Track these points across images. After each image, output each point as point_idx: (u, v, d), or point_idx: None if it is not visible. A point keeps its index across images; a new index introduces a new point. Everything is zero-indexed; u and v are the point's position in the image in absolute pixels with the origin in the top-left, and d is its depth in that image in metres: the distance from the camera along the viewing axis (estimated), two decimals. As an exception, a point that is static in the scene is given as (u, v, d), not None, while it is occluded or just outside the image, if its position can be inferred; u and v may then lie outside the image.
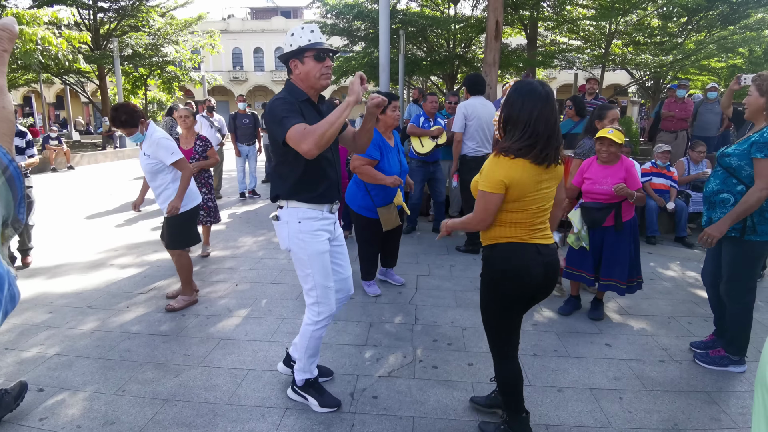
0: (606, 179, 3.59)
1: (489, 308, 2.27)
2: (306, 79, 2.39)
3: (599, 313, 3.82)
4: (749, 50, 14.46)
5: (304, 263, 2.49)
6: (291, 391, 2.74)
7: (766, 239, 2.82)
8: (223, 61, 39.03)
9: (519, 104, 2.05)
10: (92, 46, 17.21)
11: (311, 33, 2.37)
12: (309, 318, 2.59)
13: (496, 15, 8.34)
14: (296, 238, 2.46)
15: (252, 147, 8.87)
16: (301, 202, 2.45)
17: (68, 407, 2.65)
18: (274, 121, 2.27)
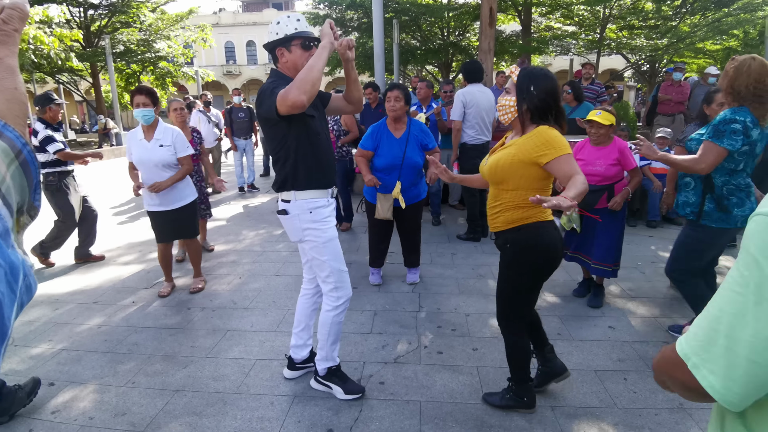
0: (599, 160, 3.62)
1: (516, 290, 2.37)
2: (293, 68, 2.39)
3: (599, 300, 3.82)
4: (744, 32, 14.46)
5: (319, 251, 2.51)
6: (314, 382, 2.75)
7: (720, 226, 2.79)
8: (216, 56, 38.78)
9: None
10: (84, 44, 17.10)
11: (297, 22, 2.39)
12: (328, 304, 2.61)
13: (490, 2, 8.32)
14: (309, 229, 2.47)
15: (249, 141, 8.85)
16: (307, 191, 2.45)
17: (79, 400, 2.69)
18: (265, 98, 2.26)
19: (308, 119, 2.40)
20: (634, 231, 5.87)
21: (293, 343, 2.86)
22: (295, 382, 2.81)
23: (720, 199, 2.78)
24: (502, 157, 2.23)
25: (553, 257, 2.29)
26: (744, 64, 2.63)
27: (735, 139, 2.60)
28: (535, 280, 2.35)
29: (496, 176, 2.26)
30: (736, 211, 2.76)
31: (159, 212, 3.99)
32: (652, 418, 2.46)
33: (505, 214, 2.28)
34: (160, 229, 4.05)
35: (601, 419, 2.46)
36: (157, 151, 3.88)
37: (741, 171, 2.73)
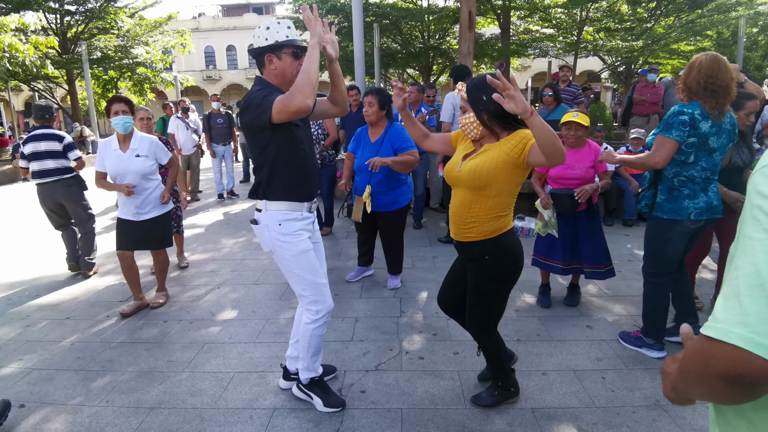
0: (578, 163, 3.61)
1: (496, 300, 2.40)
2: (282, 75, 2.36)
3: (575, 299, 3.85)
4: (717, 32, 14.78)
5: (290, 264, 2.45)
6: (296, 389, 2.72)
7: (671, 217, 2.82)
8: (196, 61, 38.43)
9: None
10: (60, 51, 16.77)
11: (288, 29, 2.34)
12: (307, 317, 2.55)
13: (469, 5, 8.37)
14: (278, 241, 2.42)
15: (227, 147, 8.75)
16: (279, 202, 2.40)
17: (51, 422, 2.61)
18: (254, 106, 2.21)
19: (293, 127, 2.35)
20: (610, 230, 5.93)
21: (289, 354, 2.82)
22: (275, 394, 2.77)
23: (670, 190, 2.83)
24: (484, 161, 2.17)
25: (522, 263, 2.37)
26: (696, 60, 2.71)
27: (683, 130, 2.66)
28: (506, 294, 2.42)
29: (478, 182, 2.18)
30: (687, 202, 2.78)
31: (127, 221, 3.89)
32: (630, 416, 2.48)
33: (485, 224, 2.24)
34: (129, 236, 3.91)
35: (581, 419, 2.47)
36: (133, 161, 3.81)
37: (693, 164, 2.74)
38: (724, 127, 2.71)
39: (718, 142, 2.72)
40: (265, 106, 2.17)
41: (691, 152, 2.72)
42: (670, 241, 2.89)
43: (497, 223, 2.24)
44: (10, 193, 10.81)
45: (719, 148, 2.74)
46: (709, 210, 2.79)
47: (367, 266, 4.60)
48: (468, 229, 2.29)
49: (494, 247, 2.27)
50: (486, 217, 2.23)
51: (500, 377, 2.57)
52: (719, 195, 2.86)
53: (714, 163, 2.77)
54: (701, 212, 2.78)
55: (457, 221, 2.34)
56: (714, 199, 2.80)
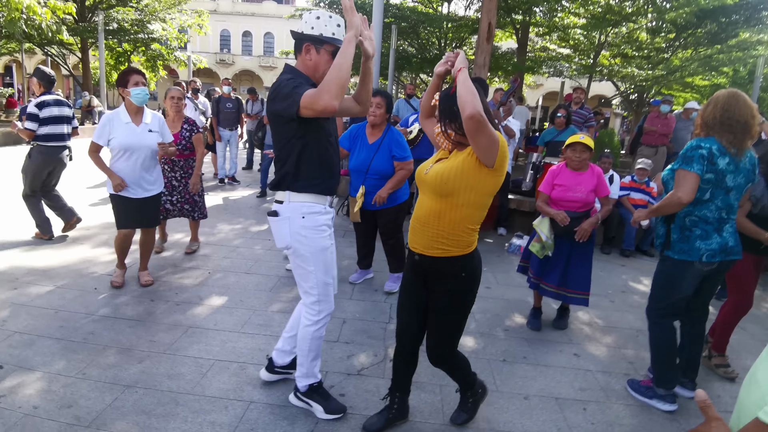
0: (579, 186, 3.58)
1: (467, 314, 2.27)
2: (314, 69, 2.31)
3: (564, 322, 3.84)
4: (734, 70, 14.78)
5: (306, 260, 2.37)
6: (293, 397, 2.61)
7: (682, 258, 2.71)
8: (211, 43, 38.39)
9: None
10: (77, 18, 16.72)
11: (337, 27, 2.29)
12: (308, 318, 2.47)
13: (490, 17, 8.34)
14: (299, 235, 2.32)
15: (234, 132, 8.73)
16: (304, 194, 2.32)
17: (26, 387, 2.58)
18: (283, 96, 2.15)
19: (322, 120, 2.31)
20: (607, 259, 5.91)
21: (279, 347, 2.73)
22: (253, 387, 2.74)
23: (682, 230, 2.73)
24: (451, 166, 2.06)
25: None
26: (715, 96, 2.67)
27: (702, 164, 2.56)
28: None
29: (444, 187, 2.04)
30: (698, 243, 2.66)
31: (128, 198, 3.81)
32: (608, 452, 2.45)
33: (462, 238, 2.10)
34: (133, 214, 3.87)
35: (558, 449, 2.44)
36: (147, 136, 3.78)
37: (707, 202, 2.63)
38: (742, 166, 2.61)
39: (735, 181, 2.61)
40: (294, 99, 2.10)
41: (707, 189, 2.61)
42: (681, 282, 2.77)
43: (472, 236, 2.14)
44: (14, 155, 10.75)
45: (736, 188, 2.63)
46: (724, 252, 2.67)
47: (368, 269, 4.58)
48: (441, 242, 2.10)
49: (470, 263, 2.16)
50: (459, 229, 2.08)
51: (470, 387, 2.52)
52: (736, 236, 2.73)
53: (729, 203, 2.65)
54: (714, 254, 2.66)
55: (425, 233, 2.13)
56: (730, 240, 2.68)
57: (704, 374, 3.30)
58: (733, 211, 2.71)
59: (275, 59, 38.45)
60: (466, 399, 2.55)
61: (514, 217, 6.75)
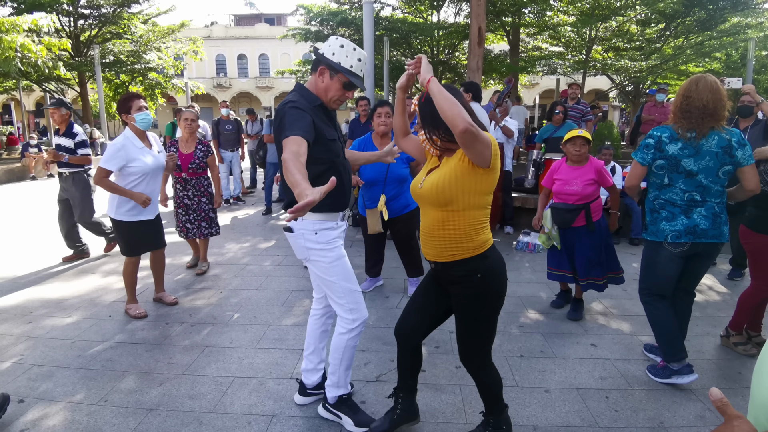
0: (576, 179, 3.67)
1: (493, 324, 2.18)
2: (323, 92, 2.34)
3: (578, 313, 3.86)
4: (726, 55, 14.80)
5: (326, 271, 2.39)
6: (322, 409, 2.59)
7: (651, 239, 2.85)
8: (207, 68, 38.79)
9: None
10: (73, 53, 16.96)
11: (358, 62, 2.31)
12: (342, 327, 2.46)
13: (479, 21, 8.42)
14: (313, 250, 2.36)
15: (235, 153, 8.81)
16: (315, 213, 2.31)
17: (50, 418, 2.59)
18: (281, 126, 2.18)
19: (329, 142, 2.33)
20: (617, 249, 5.88)
21: (304, 367, 2.71)
22: (274, 401, 2.75)
23: (651, 212, 2.86)
24: (445, 173, 2.03)
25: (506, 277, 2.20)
26: (692, 84, 2.69)
27: (646, 153, 2.75)
28: (498, 312, 2.20)
29: (442, 197, 2.02)
30: (663, 224, 2.78)
31: (147, 221, 3.85)
32: (633, 439, 2.44)
33: (470, 239, 2.06)
34: (147, 238, 3.91)
35: (583, 440, 2.43)
36: (161, 157, 3.92)
37: (670, 186, 2.75)
38: (706, 149, 2.64)
39: (698, 164, 2.66)
40: (285, 133, 2.11)
41: (663, 174, 2.74)
42: (657, 263, 2.88)
43: (482, 235, 2.08)
44: (19, 190, 10.87)
45: (703, 170, 2.67)
46: (691, 233, 2.72)
47: (377, 277, 4.60)
48: (451, 248, 2.07)
49: (485, 264, 2.08)
50: (466, 231, 2.05)
51: (494, 413, 2.30)
52: (714, 219, 2.73)
53: (698, 185, 2.70)
54: (679, 234, 2.73)
55: (434, 242, 2.11)
56: (701, 223, 2.72)
57: (725, 354, 3.29)
58: (711, 193, 2.72)
59: (271, 79, 38.78)
60: (486, 425, 2.32)
61: (519, 215, 6.76)
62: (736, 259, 4.90)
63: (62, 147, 5.07)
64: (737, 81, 4.43)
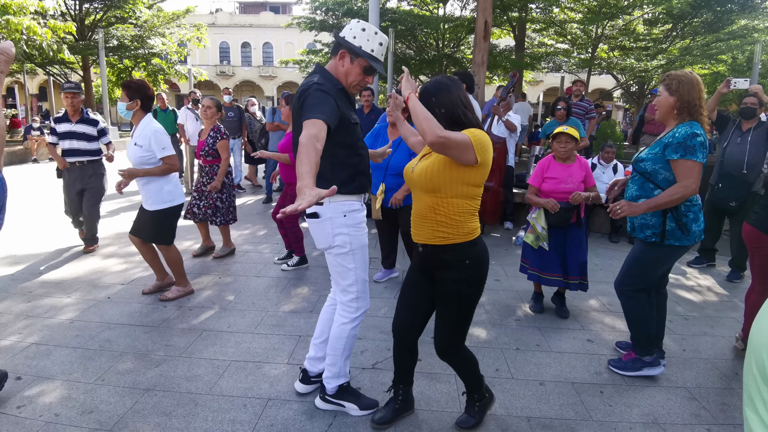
0: (571, 177, 3.63)
1: (473, 304, 2.23)
2: (344, 76, 2.33)
3: (565, 310, 3.86)
4: (732, 57, 14.74)
5: (348, 259, 2.38)
6: (321, 402, 2.56)
7: (681, 243, 2.75)
8: (210, 55, 38.66)
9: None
10: (77, 37, 16.89)
11: (379, 46, 2.30)
12: (345, 316, 2.46)
13: (485, 15, 8.38)
14: (342, 234, 2.34)
15: (237, 140, 8.79)
16: (343, 195, 2.31)
17: (46, 396, 2.61)
18: (303, 107, 2.16)
19: (353, 127, 2.35)
20: (615, 247, 5.91)
21: (311, 355, 2.68)
22: (270, 385, 2.76)
23: (680, 217, 2.73)
24: (434, 162, 2.08)
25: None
26: (688, 79, 2.65)
27: (704, 152, 2.62)
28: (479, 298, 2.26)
29: (430, 183, 2.06)
30: (693, 227, 2.73)
31: (141, 207, 3.90)
32: (626, 433, 2.45)
33: (461, 225, 2.10)
34: (135, 220, 3.93)
35: (576, 431, 2.45)
36: (131, 149, 3.74)
37: None
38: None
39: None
40: (307, 114, 2.09)
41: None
42: (665, 264, 2.88)
43: (472, 223, 2.12)
44: (21, 173, 10.87)
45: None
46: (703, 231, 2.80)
47: (392, 268, 4.60)
48: (442, 231, 2.11)
49: (473, 250, 2.14)
50: (456, 217, 2.08)
51: (477, 389, 2.41)
52: None
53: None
54: (702, 234, 2.77)
55: (425, 224, 2.14)
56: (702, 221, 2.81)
57: (722, 355, 3.30)
58: None
59: (275, 68, 38.65)
60: (473, 402, 2.44)
61: (520, 211, 6.75)
62: (736, 260, 4.91)
63: (78, 134, 4.89)
64: (744, 81, 4.40)
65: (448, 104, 2.09)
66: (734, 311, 4.08)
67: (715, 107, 4.91)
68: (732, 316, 3.98)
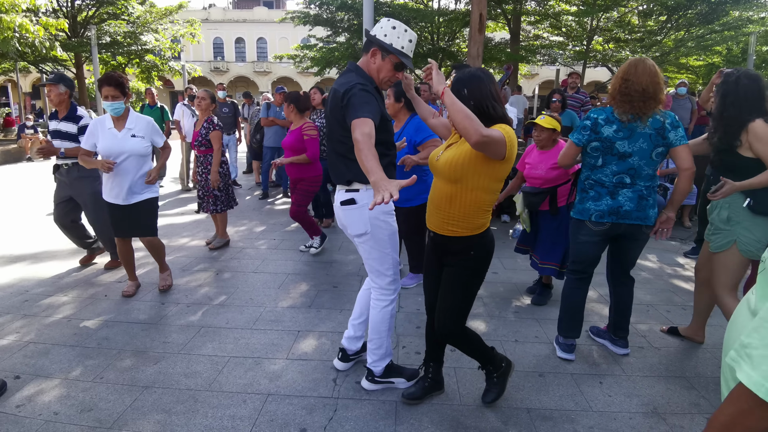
0: (541, 164, 3.70)
1: (474, 292, 2.32)
2: (375, 72, 2.44)
3: (543, 299, 3.92)
4: (727, 49, 14.76)
5: (383, 243, 2.52)
6: (370, 384, 2.68)
7: (577, 217, 2.92)
8: (204, 51, 38.44)
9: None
10: (69, 34, 16.74)
11: (409, 43, 2.40)
12: (384, 299, 2.60)
13: (480, 8, 8.35)
14: (378, 219, 2.48)
15: (232, 136, 8.74)
16: None
17: (45, 394, 2.60)
18: (350, 106, 2.22)
19: (388, 124, 2.51)
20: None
21: (350, 335, 2.84)
22: (270, 380, 2.76)
23: (581, 192, 2.92)
24: (460, 152, 2.12)
25: None
26: (631, 66, 2.71)
27: (582, 134, 2.79)
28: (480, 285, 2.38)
29: (454, 173, 2.12)
30: (589, 204, 2.84)
31: (116, 205, 3.75)
32: (626, 422, 2.46)
33: (472, 219, 2.18)
34: (117, 223, 3.82)
35: (576, 422, 2.45)
36: (128, 141, 3.66)
37: (602, 167, 2.79)
38: (640, 131, 2.68)
39: (632, 147, 2.70)
40: (357, 113, 2.17)
41: (597, 156, 2.79)
42: (579, 241, 2.96)
43: (483, 218, 2.21)
44: (15, 171, 10.81)
45: (637, 152, 2.71)
46: (614, 214, 2.79)
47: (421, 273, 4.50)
48: (453, 224, 2.20)
49: (481, 242, 2.24)
50: (470, 211, 2.16)
51: (489, 362, 2.50)
52: (641, 202, 2.77)
53: (630, 167, 2.74)
54: (602, 214, 2.81)
55: (438, 214, 2.24)
56: (625, 204, 2.77)
57: (712, 340, 3.31)
58: (642, 176, 2.75)
59: (269, 64, 38.47)
60: (490, 376, 2.54)
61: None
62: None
63: (62, 133, 4.20)
64: None
65: (478, 96, 2.11)
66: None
67: (708, 98, 4.92)
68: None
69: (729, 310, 2.81)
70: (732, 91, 2.80)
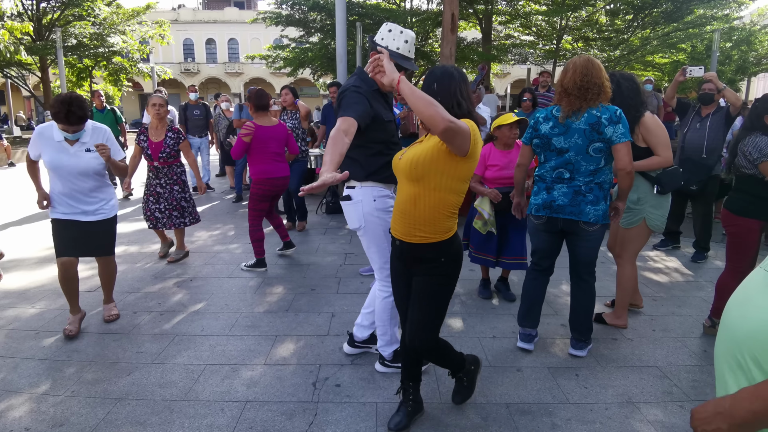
0: (512, 163, 3.69)
1: (446, 300, 2.22)
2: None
3: (512, 294, 3.99)
4: (691, 46, 15.18)
5: (379, 239, 2.67)
6: (382, 366, 2.87)
7: (528, 212, 3.07)
8: (174, 53, 37.79)
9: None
10: (34, 37, 16.25)
11: (405, 44, 2.56)
12: (385, 290, 2.73)
13: (452, 8, 8.41)
14: (372, 216, 2.64)
15: (204, 139, 8.61)
16: (374, 182, 2.63)
17: (15, 410, 2.51)
18: (342, 105, 2.48)
19: (386, 124, 2.65)
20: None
21: (359, 322, 2.99)
22: (247, 387, 2.72)
23: (534, 187, 3.06)
24: (423, 149, 2.05)
25: None
26: (570, 63, 2.80)
27: (527, 133, 2.98)
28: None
29: (415, 171, 2.04)
30: (533, 198, 3.00)
31: (74, 222, 3.27)
32: (602, 413, 2.51)
33: (438, 223, 2.09)
34: (72, 241, 3.27)
35: (554, 415, 2.49)
36: (82, 157, 3.19)
37: (544, 163, 2.94)
38: (576, 126, 2.74)
39: (568, 142, 2.78)
40: (342, 113, 2.42)
41: (540, 152, 2.95)
42: (530, 233, 3.12)
43: (450, 221, 2.12)
44: (-26, 180, 10.43)
45: (573, 148, 2.77)
46: (547, 207, 2.89)
47: None
48: (419, 229, 2.10)
49: (449, 248, 2.14)
50: (435, 213, 2.07)
51: (460, 369, 2.47)
52: (575, 197, 2.80)
53: (568, 162, 2.81)
54: (538, 208, 2.93)
55: (405, 219, 2.13)
56: (558, 199, 2.84)
57: (690, 333, 3.40)
58: (581, 172, 2.80)
59: (241, 65, 38.02)
60: (460, 381, 2.51)
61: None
62: (699, 242, 5.07)
63: None
64: (699, 69, 4.55)
65: (446, 93, 2.08)
66: (700, 291, 4.22)
67: (673, 95, 5.06)
68: (698, 296, 4.11)
69: (629, 275, 3.39)
70: (616, 94, 2.99)
